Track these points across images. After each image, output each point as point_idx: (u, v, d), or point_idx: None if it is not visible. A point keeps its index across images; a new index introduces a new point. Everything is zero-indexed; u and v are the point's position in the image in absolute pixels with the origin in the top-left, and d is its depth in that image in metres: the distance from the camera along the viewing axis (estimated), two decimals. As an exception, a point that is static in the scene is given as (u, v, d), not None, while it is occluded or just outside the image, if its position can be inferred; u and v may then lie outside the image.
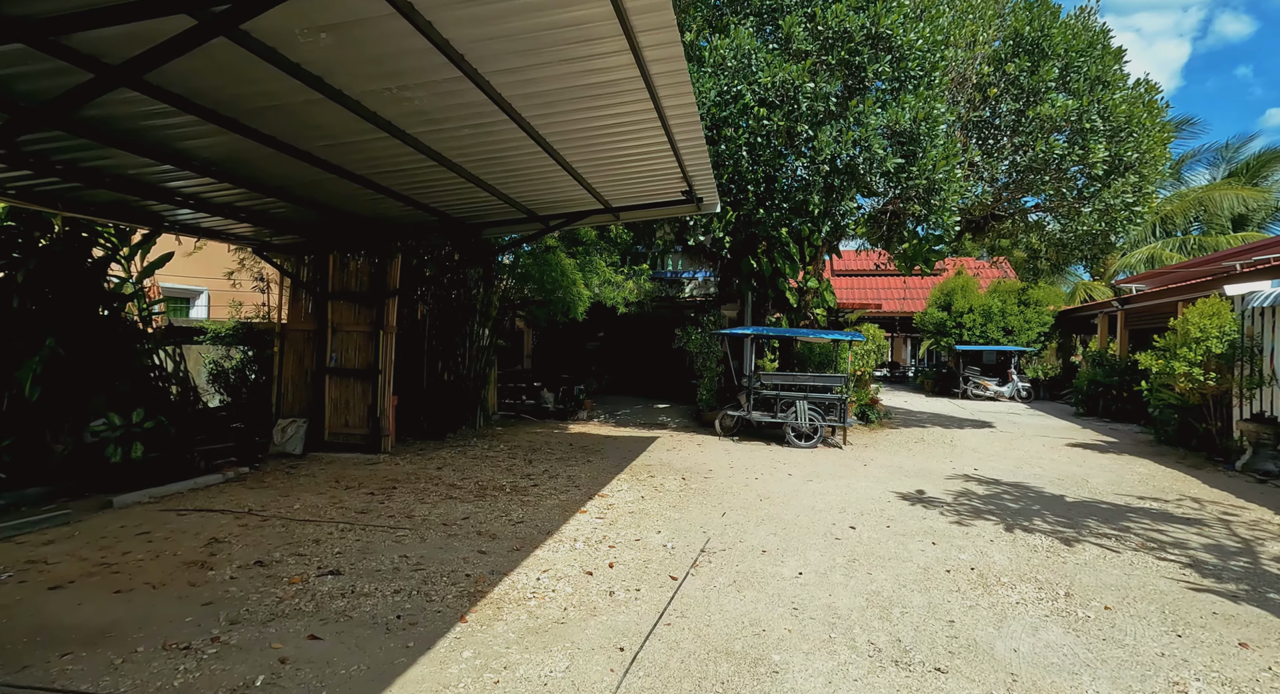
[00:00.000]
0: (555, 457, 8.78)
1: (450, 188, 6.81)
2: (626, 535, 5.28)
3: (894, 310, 25.77)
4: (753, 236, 11.84)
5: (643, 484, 7.24)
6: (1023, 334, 20.49)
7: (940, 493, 7.14)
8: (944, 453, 9.96)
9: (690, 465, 8.47)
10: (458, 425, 10.50)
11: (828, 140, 8.04)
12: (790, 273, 12.60)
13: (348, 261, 8.47)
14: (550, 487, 6.94)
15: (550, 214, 8.06)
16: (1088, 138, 9.03)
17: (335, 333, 8.47)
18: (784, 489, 7.17)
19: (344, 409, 8.46)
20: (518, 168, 6.33)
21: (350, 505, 5.92)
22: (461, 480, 7.12)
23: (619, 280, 10.43)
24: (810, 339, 11.45)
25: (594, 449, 9.53)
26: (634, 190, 7.34)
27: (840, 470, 8.35)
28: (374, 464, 7.85)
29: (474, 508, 5.97)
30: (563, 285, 9.02)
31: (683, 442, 10.50)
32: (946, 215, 8.60)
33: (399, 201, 7.13)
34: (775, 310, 13.10)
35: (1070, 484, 7.78)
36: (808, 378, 10.25)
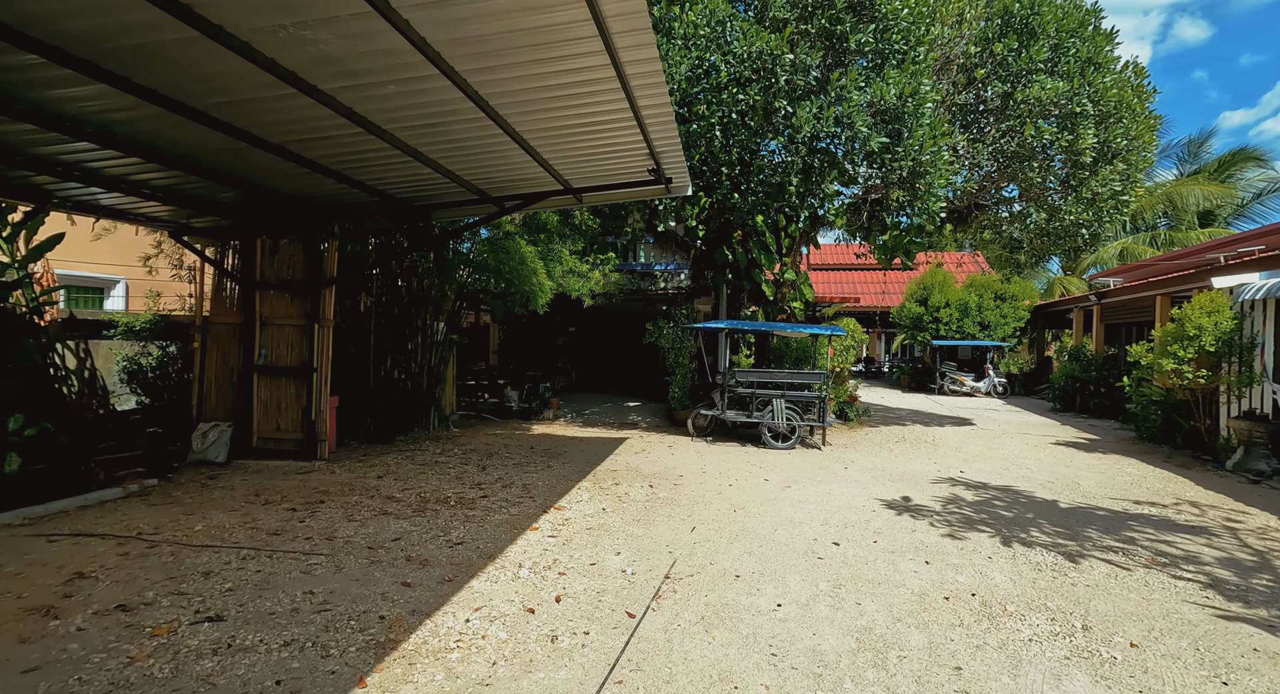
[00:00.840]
0: (513, 462, 8.05)
1: (386, 162, 6.01)
2: (581, 558, 4.59)
3: (872, 305, 25.48)
4: (727, 226, 11.22)
5: (606, 493, 6.56)
6: (999, 329, 20.30)
7: (928, 500, 6.60)
8: (927, 453, 9.47)
9: (659, 470, 7.82)
10: (409, 428, 9.69)
11: (807, 117, 7.42)
12: (766, 264, 12.02)
13: (279, 247, 7.60)
14: (502, 498, 6.22)
15: (505, 195, 7.31)
16: (1077, 122, 8.57)
17: (265, 326, 7.60)
18: (760, 497, 6.56)
19: (275, 411, 7.60)
20: (461, 140, 5.57)
21: (264, 525, 5.13)
22: (402, 491, 6.35)
23: (584, 270, 9.70)
24: (787, 334, 10.89)
25: (556, 453, 8.81)
26: (596, 168, 6.63)
27: (820, 474, 7.78)
28: (306, 473, 7.03)
29: (409, 526, 5.22)
30: (521, 275, 8.28)
31: (653, 443, 9.84)
32: (932, 201, 8.07)
33: (330, 178, 6.31)
34: (751, 303, 12.52)
35: (1061, 487, 7.32)
36: (785, 375, 9.68)
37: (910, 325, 21.25)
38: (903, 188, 8.17)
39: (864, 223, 11.91)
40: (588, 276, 9.65)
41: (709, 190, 9.13)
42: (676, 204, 8.96)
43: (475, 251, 8.45)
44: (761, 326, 9.93)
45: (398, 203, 7.34)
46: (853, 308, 22.49)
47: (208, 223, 7.65)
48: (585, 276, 9.67)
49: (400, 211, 7.56)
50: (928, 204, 8.10)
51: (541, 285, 8.63)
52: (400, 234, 8.25)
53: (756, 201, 8.67)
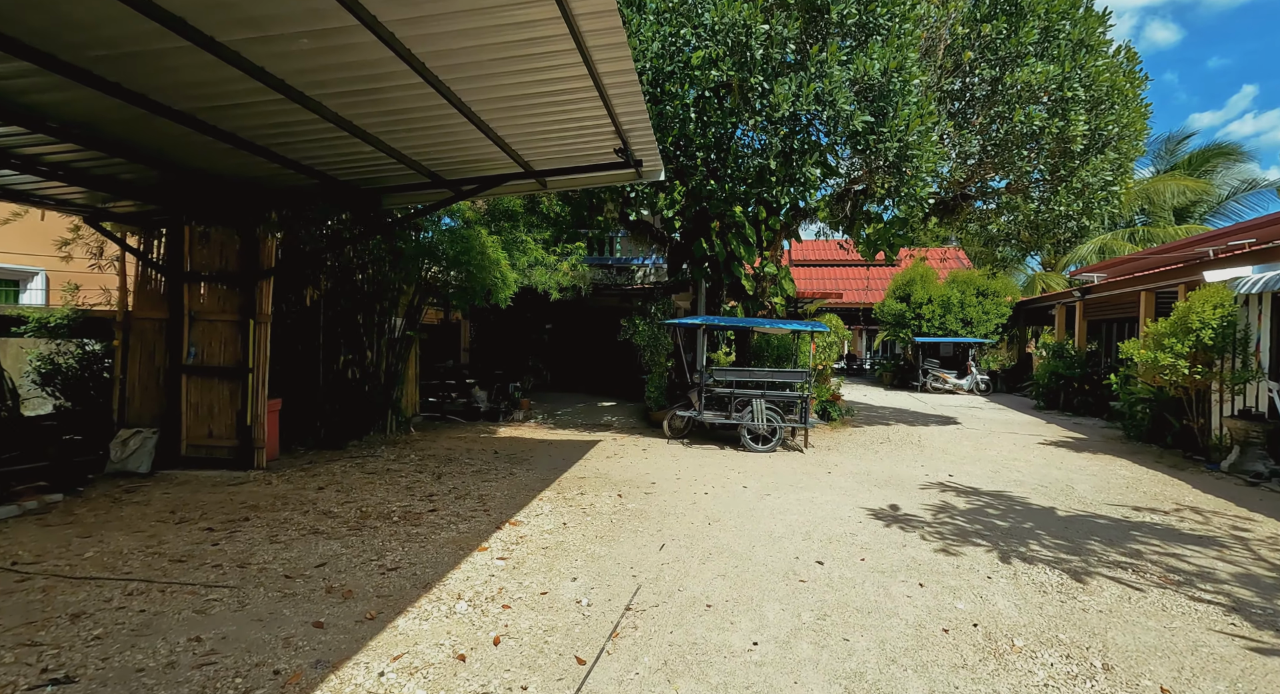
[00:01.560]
0: (472, 469, 7.44)
1: (319, 138, 5.36)
2: (531, 586, 4.02)
3: (853, 301, 25.18)
4: (704, 217, 10.68)
5: (569, 504, 5.99)
6: (981, 325, 20.07)
7: (917, 508, 6.12)
8: (913, 455, 9.04)
9: (630, 477, 7.26)
10: (364, 431, 9.02)
11: (786, 94, 6.90)
12: (746, 257, 11.49)
13: (209, 235, 6.90)
14: (452, 512, 5.61)
15: (460, 178, 6.68)
16: (1068, 108, 8.17)
17: (194, 322, 6.90)
18: (738, 507, 6.03)
19: (206, 416, 6.90)
20: (401, 111, 4.94)
21: (170, 549, 4.47)
22: (342, 505, 5.72)
23: (551, 261, 9.07)
24: (768, 330, 10.41)
25: (521, 458, 8.22)
26: (558, 148, 6.04)
27: (802, 480, 7.28)
28: (238, 485, 6.35)
29: (340, 548, 4.60)
30: (481, 265, 7.65)
31: (626, 446, 9.28)
32: (920, 186, 7.60)
33: (259, 156, 5.63)
34: (731, 298, 12.01)
35: (1056, 492, 6.90)
36: (765, 373, 9.18)
37: (892, 322, 20.95)
38: (889, 172, 7.69)
39: (847, 215, 11.46)
40: (555, 268, 9.03)
41: (683, 176, 8.57)
42: (649, 191, 8.39)
43: (428, 239, 7.79)
44: (741, 323, 9.42)
45: (341, 187, 6.67)
46: (835, 304, 22.14)
47: (130, 207, 6.91)
48: (553, 268, 9.04)
49: (345, 196, 6.89)
50: (915, 189, 7.63)
51: (504, 277, 8.02)
52: (349, 222, 7.56)
53: (734, 189, 8.13)
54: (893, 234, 11.51)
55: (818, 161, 7.60)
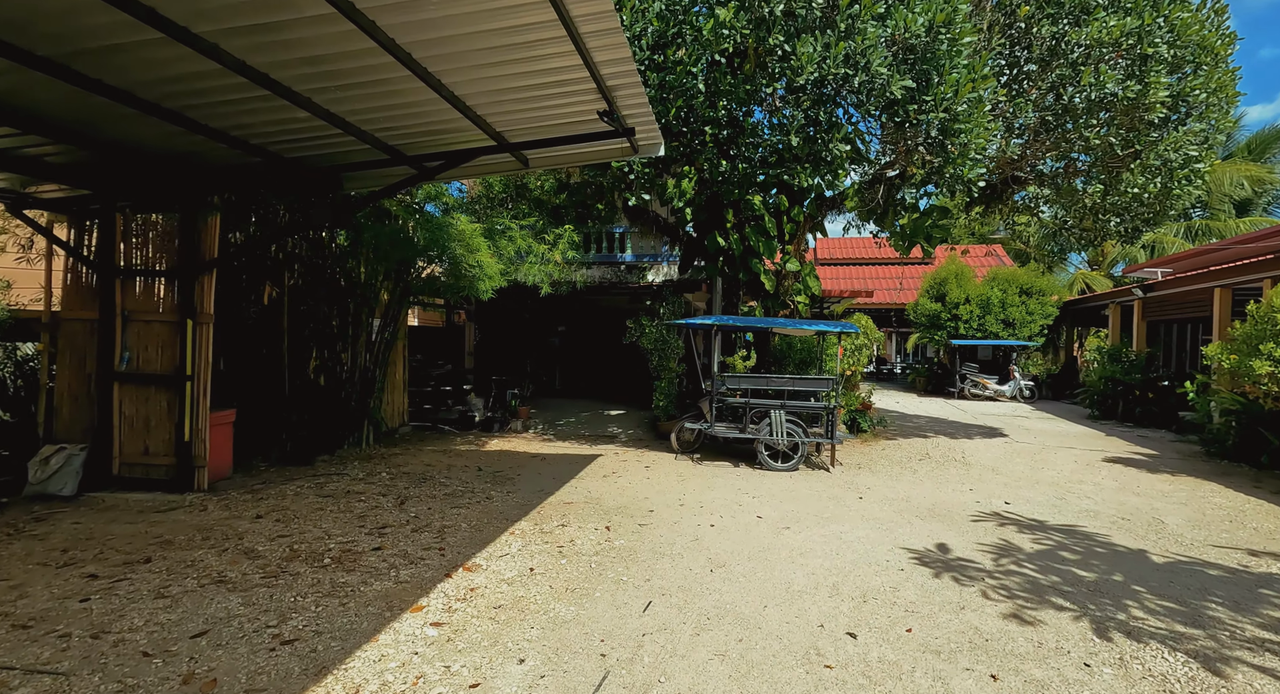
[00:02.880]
0: (445, 492, 6.48)
1: (234, 98, 4.45)
2: (461, 673, 3.00)
3: (884, 302, 23.75)
4: (719, 208, 9.60)
5: (545, 541, 4.97)
6: (1024, 327, 18.55)
7: (972, 549, 4.96)
8: (958, 476, 7.81)
9: (625, 502, 6.21)
10: (337, 444, 8.13)
11: (810, 56, 5.80)
12: (766, 252, 10.36)
13: (146, 223, 6.07)
14: (400, 551, 4.64)
15: (422, 154, 5.73)
16: (1148, 69, 6.90)
17: (128, 323, 6.07)
18: (749, 546, 4.94)
19: (142, 430, 6.06)
20: (323, 60, 4.01)
21: (26, 607, 3.57)
22: (272, 541, 4.78)
23: (541, 250, 8.05)
24: (790, 332, 9.28)
25: (505, 477, 7.23)
26: (532, 113, 5.05)
27: (828, 507, 6.15)
28: (168, 511, 5.47)
29: (240, 605, 3.65)
30: (456, 256, 6.69)
31: (628, 462, 8.24)
32: (969, 165, 6.41)
33: (174, 125, 4.75)
34: (749, 297, 10.91)
35: (1142, 528, 5.66)
36: (786, 381, 8.05)
37: (926, 323, 19.52)
38: (931, 150, 6.52)
39: (879, 202, 10.27)
40: (546, 259, 8.02)
41: (691, 157, 7.52)
42: (649, 173, 7.35)
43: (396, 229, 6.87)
44: (759, 323, 8.32)
45: (288, 165, 5.77)
46: (864, 304, 20.80)
47: (56, 192, 6.12)
48: (543, 260, 8.04)
49: (292, 176, 5.99)
50: (962, 170, 6.44)
51: (484, 268, 7.05)
52: (302, 207, 6.65)
53: (749, 171, 7.04)
54: (930, 225, 10.28)
55: (846, 137, 6.46)
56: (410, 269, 7.38)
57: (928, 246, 10.53)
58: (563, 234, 7.96)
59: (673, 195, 9.21)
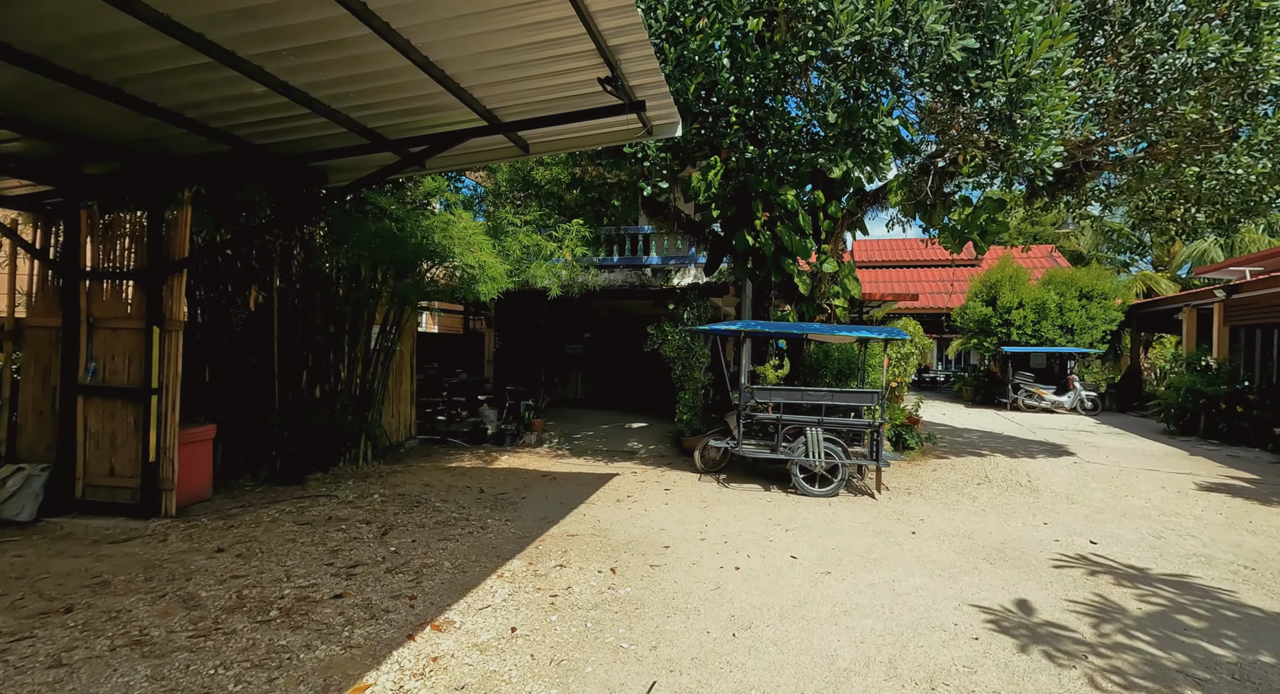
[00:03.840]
0: (435, 520, 5.77)
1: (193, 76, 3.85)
2: (387, 800, 2.23)
3: (925, 306, 22.37)
4: (747, 202, 8.75)
5: (538, 586, 4.20)
6: (1085, 333, 17.07)
7: (1061, 609, 3.99)
8: (1026, 505, 6.76)
9: (638, 535, 5.40)
10: (332, 461, 7.54)
11: (851, 13, 4.93)
12: (800, 252, 9.43)
13: (113, 222, 5.56)
14: (363, 600, 3.92)
15: (405, 138, 5.07)
16: (1261, 29, 5.81)
17: (94, 331, 5.55)
18: (781, 598, 4.07)
19: (108, 449, 5.53)
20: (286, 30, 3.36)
21: (-102, 672, 2.96)
22: (222, 584, 4.13)
23: (551, 248, 7.29)
24: (827, 338, 8.34)
25: (508, 501, 6.50)
26: (525, 85, 4.33)
27: (876, 545, 5.22)
28: (124, 542, 4.90)
29: (143, 679, 2.97)
30: (453, 254, 6.00)
31: (646, 484, 7.42)
32: (1042, 143, 5.43)
33: (116, 103, 4.18)
34: (781, 301, 10.00)
35: (1276, 580, 4.58)
36: (824, 394, 7.12)
37: (975, 329, 18.19)
38: (995, 127, 5.56)
39: (929, 194, 9.28)
40: (555, 257, 7.26)
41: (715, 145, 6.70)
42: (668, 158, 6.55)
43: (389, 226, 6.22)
44: (792, 329, 7.42)
45: (257, 153, 5.18)
46: (908, 308, 19.52)
47: (23, 188, 5.67)
48: (552, 258, 7.27)
49: (267, 167, 5.40)
50: (1033, 150, 5.46)
51: (487, 269, 6.35)
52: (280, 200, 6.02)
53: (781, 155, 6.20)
54: (985, 220, 9.24)
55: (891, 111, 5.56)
56: (410, 271, 6.73)
57: (982, 244, 9.48)
58: (571, 229, 7.20)
59: (697, 189, 8.41)
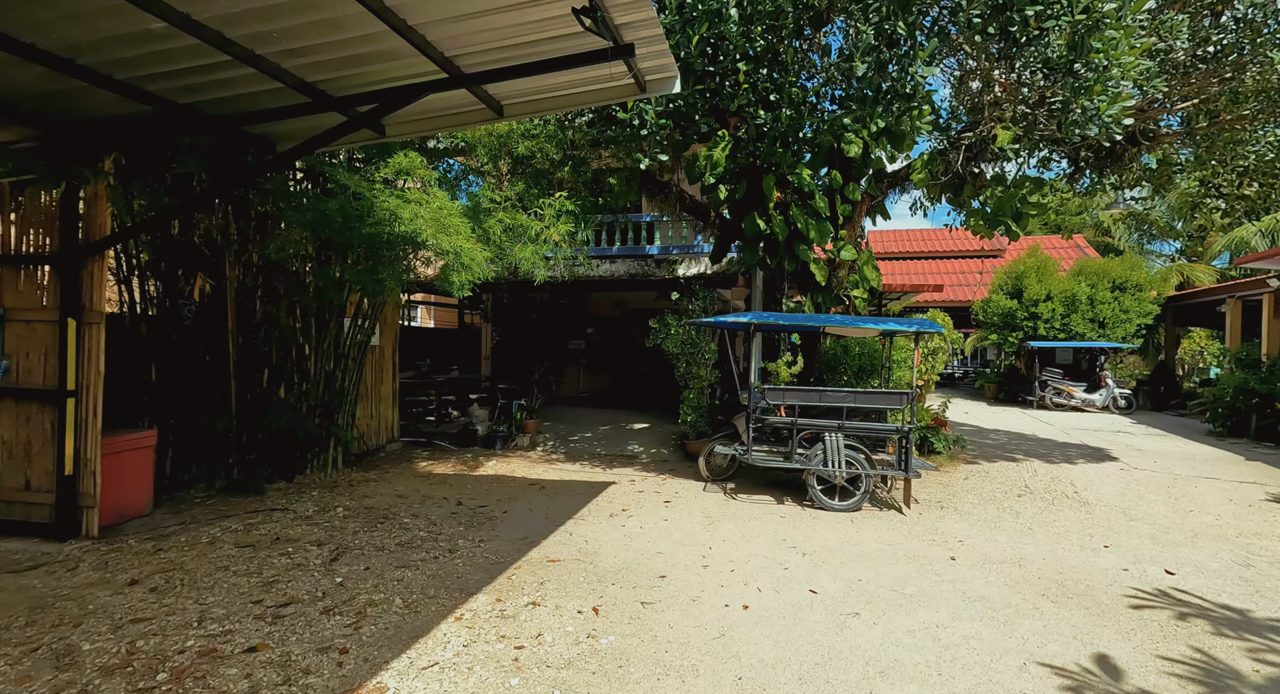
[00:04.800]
0: (404, 537, 5.03)
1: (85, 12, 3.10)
2: None
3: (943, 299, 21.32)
4: (757, 179, 7.92)
5: (501, 632, 3.43)
6: (1118, 327, 16.05)
7: (1155, 672, 3.16)
8: (1078, 521, 5.91)
9: (630, 560, 4.63)
10: (298, 469, 6.82)
11: (886, -61, 4.10)
12: (816, 237, 8.58)
13: (24, 197, 4.84)
14: (281, 655, 3.18)
15: (352, 95, 4.29)
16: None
17: (6, 323, 4.85)
18: (800, 653, 3.28)
19: (23, 459, 4.83)
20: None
21: None
22: (116, 632, 3.40)
23: (537, 229, 6.45)
24: (847, 332, 7.50)
25: (488, 515, 5.75)
26: (488, 23, 3.53)
27: (911, 576, 4.41)
28: (25, 571, 4.19)
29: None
30: (421, 236, 5.20)
31: (645, 495, 6.65)
32: (1110, 98, 4.56)
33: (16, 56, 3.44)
34: (795, 291, 9.17)
35: None
36: (843, 395, 6.29)
37: (1000, 323, 17.20)
38: (1053, 77, 4.70)
39: (956, 175, 8.41)
40: (541, 239, 6.43)
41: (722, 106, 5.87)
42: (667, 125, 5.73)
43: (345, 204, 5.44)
44: (807, 321, 6.59)
45: (184, 115, 4.42)
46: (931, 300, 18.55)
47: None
48: (539, 240, 6.44)
49: (196, 131, 4.65)
50: (1100, 105, 4.59)
51: (462, 255, 5.55)
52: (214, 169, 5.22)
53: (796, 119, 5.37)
54: (1020, 200, 8.35)
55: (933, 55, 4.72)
56: (373, 257, 5.96)
57: (1017, 228, 8.58)
58: (554, 203, 6.37)
59: (703, 167, 7.61)
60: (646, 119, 5.54)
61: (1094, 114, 4.53)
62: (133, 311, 6.01)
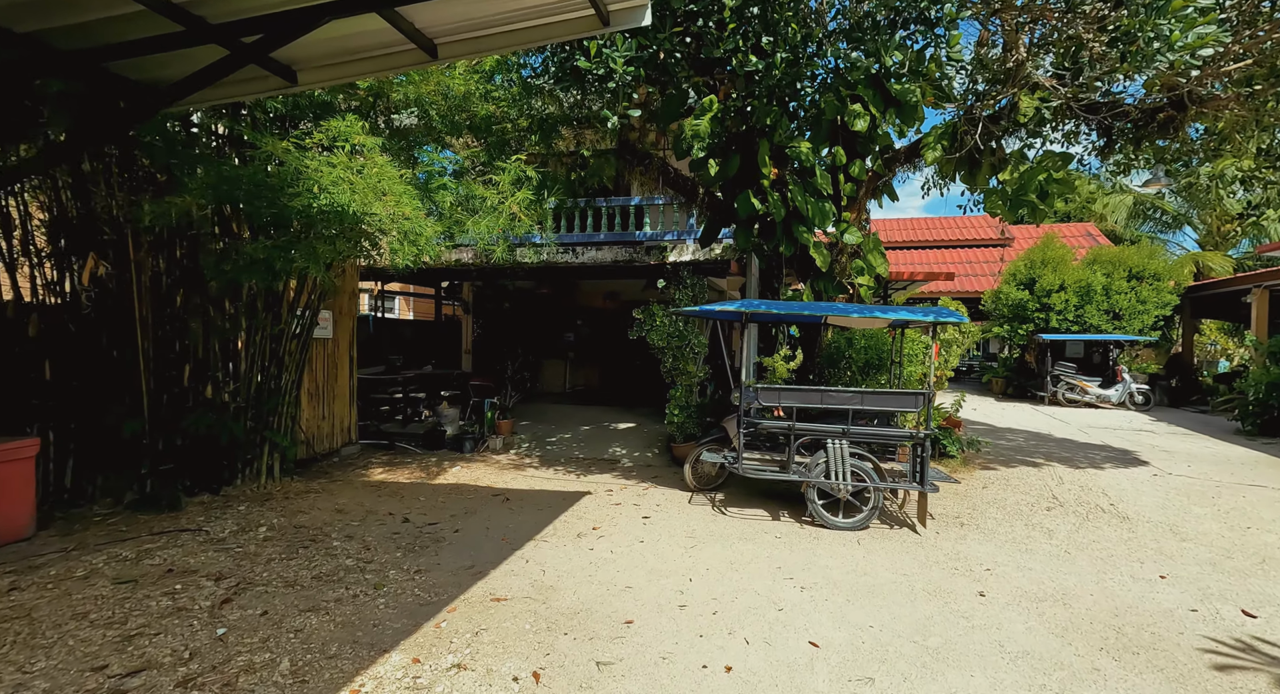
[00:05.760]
0: (326, 566, 4.21)
1: None
2: None
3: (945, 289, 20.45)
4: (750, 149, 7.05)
5: (402, 720, 2.61)
6: (1135, 318, 15.21)
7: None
8: (1121, 541, 5.09)
9: (591, 598, 3.80)
10: (226, 480, 5.98)
11: None
12: (817, 218, 7.70)
13: None
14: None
15: (236, 21, 3.41)
16: None
17: None
18: (798, 750, 2.45)
19: None
20: None
21: None
22: (-103, 711, 2.57)
23: (494, 200, 5.49)
24: (852, 322, 6.66)
25: (435, 537, 4.93)
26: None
27: (933, 620, 3.58)
28: None
29: None
30: (350, 206, 4.32)
31: (622, 508, 5.82)
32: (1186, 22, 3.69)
33: None
34: (794, 279, 8.32)
35: None
36: (849, 396, 5.43)
37: (1010, 315, 16.35)
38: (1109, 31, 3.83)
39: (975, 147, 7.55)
40: (497, 213, 5.50)
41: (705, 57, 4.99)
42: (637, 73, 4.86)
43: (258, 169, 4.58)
44: (807, 310, 5.74)
45: (26, 46, 3.54)
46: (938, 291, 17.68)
47: None
48: (496, 211, 5.50)
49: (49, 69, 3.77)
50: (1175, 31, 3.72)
51: (404, 225, 4.63)
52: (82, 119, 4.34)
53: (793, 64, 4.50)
54: (1045, 179, 7.50)
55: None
56: (293, 228, 5.05)
57: (1044, 207, 7.72)
58: (508, 168, 5.41)
59: (688, 140, 6.74)
60: (614, 67, 4.66)
61: (1163, 45, 3.65)
62: (18, 301, 5.15)
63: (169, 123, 5.22)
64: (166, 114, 4.70)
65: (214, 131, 5.56)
